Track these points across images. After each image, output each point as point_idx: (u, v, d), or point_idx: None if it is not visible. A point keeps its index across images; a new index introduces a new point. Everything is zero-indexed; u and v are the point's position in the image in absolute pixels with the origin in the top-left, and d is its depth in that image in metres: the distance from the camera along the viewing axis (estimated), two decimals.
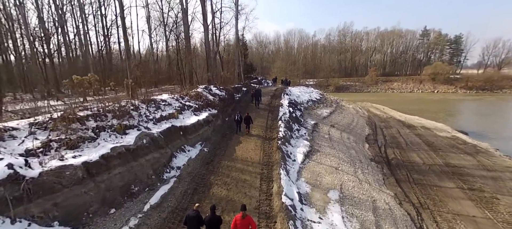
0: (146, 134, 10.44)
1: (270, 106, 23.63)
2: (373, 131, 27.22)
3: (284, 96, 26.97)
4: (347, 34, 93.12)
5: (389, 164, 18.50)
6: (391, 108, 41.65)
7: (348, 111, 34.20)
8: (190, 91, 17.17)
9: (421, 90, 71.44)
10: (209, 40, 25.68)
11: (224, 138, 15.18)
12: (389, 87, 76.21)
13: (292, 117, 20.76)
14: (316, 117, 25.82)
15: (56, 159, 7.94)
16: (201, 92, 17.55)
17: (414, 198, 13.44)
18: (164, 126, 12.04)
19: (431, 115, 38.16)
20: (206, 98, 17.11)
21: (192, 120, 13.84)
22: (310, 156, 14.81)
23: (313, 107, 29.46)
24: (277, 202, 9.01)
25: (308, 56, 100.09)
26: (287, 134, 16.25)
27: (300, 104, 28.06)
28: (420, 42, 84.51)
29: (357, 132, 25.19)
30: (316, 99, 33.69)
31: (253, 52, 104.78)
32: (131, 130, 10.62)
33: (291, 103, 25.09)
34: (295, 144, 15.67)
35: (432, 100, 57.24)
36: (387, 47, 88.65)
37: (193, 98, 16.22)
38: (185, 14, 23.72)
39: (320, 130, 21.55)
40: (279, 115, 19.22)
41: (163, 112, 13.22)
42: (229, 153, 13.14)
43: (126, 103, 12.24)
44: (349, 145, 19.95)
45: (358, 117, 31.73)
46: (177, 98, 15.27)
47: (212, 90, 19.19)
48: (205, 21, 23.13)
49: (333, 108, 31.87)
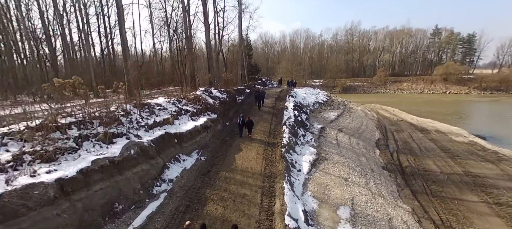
0: (135, 143, 9.41)
1: (274, 109, 22.45)
2: (384, 135, 25.76)
3: (289, 98, 25.75)
4: (354, 34, 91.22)
5: (403, 172, 17.11)
6: (402, 111, 39.93)
7: (356, 114, 32.75)
8: (189, 94, 16.13)
9: (432, 91, 69.12)
10: (210, 40, 24.64)
11: (223, 145, 14.09)
12: (399, 88, 74.06)
13: (297, 120, 19.54)
14: (323, 120, 24.52)
15: (26, 175, 6.97)
16: (200, 96, 16.48)
17: (434, 213, 12.07)
18: (157, 133, 11.01)
19: (444, 118, 36.38)
20: (205, 101, 16.04)
21: (189, 125, 12.80)
22: (317, 165, 13.58)
23: (319, 110, 28.15)
24: (280, 224, 7.85)
25: (315, 56, 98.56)
26: (292, 140, 15.05)
27: (306, 107, 26.80)
28: (431, 41, 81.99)
29: (366, 136, 23.79)
30: (323, 101, 32.35)
31: (258, 53, 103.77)
32: (119, 138, 9.62)
33: (296, 106, 23.87)
34: (301, 151, 14.46)
35: (444, 101, 55.05)
36: (396, 46, 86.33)
37: (191, 101, 15.15)
38: (186, 13, 22.75)
39: (327, 135, 20.27)
40: (284, 119, 18.04)
41: (157, 118, 12.21)
42: (228, 162, 12.04)
43: (117, 108, 11.27)
44: (359, 151, 18.62)
45: (367, 120, 30.28)
46: (173, 102, 14.24)
47: (213, 93, 18.12)
48: (206, 20, 22.12)
49: (341, 111, 30.49)
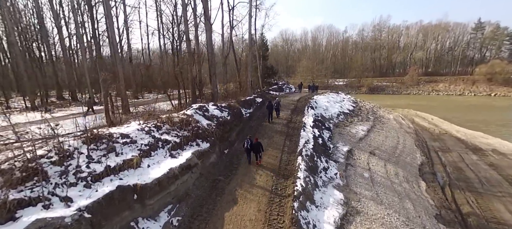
0: (47, 223, 5.89)
1: (288, 126, 18.24)
2: (427, 157, 20.67)
3: (308, 110, 21.42)
4: (383, 29, 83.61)
5: (466, 226, 12.33)
6: (442, 119, 33.92)
7: (389, 124, 27.63)
8: (176, 115, 12.40)
9: (473, 93, 60.88)
10: (212, 43, 20.77)
11: (213, 191, 10.20)
12: (434, 89, 66.29)
13: (318, 145, 15.27)
14: (349, 139, 19.96)
15: None
16: (192, 116, 12.66)
17: None
18: (105, 188, 7.42)
19: (498, 130, 30.12)
20: (196, 125, 12.22)
21: (163, 168, 9.10)
22: (346, 225, 9.35)
23: (345, 124, 23.50)
24: None
25: (338, 54, 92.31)
26: (309, 182, 10.90)
27: (329, 120, 22.33)
28: (472, 37, 72.69)
29: (406, 160, 18.91)
30: (349, 111, 27.58)
31: (278, 51, 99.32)
32: (27, 210, 6.15)
33: (316, 121, 19.55)
34: (322, 202, 10.28)
35: (491, 106, 47.41)
36: (431, 42, 77.80)
37: (176, 126, 11.41)
38: (184, 10, 19.19)
39: (357, 163, 15.81)
40: (299, 146, 13.86)
41: (116, 159, 8.64)
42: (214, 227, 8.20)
43: (51, 149, 7.77)
44: (401, 188, 14.00)
45: (403, 134, 25.12)
46: (150, 129, 10.60)
47: (209, 111, 14.25)
48: (207, 19, 18.21)
49: (371, 123, 25.57)
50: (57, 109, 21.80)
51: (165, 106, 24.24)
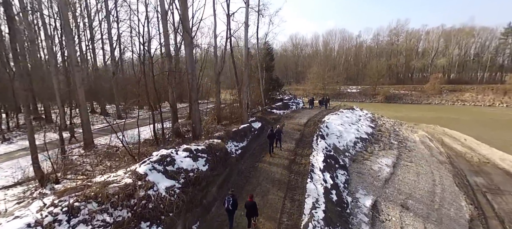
0: None
1: (291, 169, 13.79)
2: (474, 204, 15.80)
3: (318, 141, 16.99)
4: (400, 34, 77.78)
5: None
6: (477, 141, 28.58)
7: (417, 151, 22.76)
8: (112, 181, 8.21)
9: (506, 104, 54.37)
10: (194, 60, 16.39)
11: None
12: (459, 99, 60.01)
13: (331, 205, 10.86)
14: (372, 182, 15.35)
15: None
16: (141, 179, 8.48)
17: None
18: None
19: None
20: (144, 195, 8.02)
21: None
22: None
23: (364, 156, 18.86)
24: None
25: (351, 59, 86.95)
26: None
27: (344, 153, 17.83)
28: (501, 42, 65.95)
29: (449, 213, 14.15)
30: (367, 135, 22.94)
31: (287, 56, 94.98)
32: None
33: (328, 158, 15.12)
34: None
35: None
36: (453, 48, 71.38)
37: (109, 202, 7.20)
38: (164, 21, 15.19)
39: (386, 227, 11.28)
40: (305, 214, 9.50)
41: None
42: None
43: None
44: None
45: (437, 167, 20.22)
46: (54, 218, 6.52)
47: (175, 163, 9.81)
48: (186, 32, 13.84)
49: (396, 152, 20.80)
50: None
51: (147, 132, 20.41)
